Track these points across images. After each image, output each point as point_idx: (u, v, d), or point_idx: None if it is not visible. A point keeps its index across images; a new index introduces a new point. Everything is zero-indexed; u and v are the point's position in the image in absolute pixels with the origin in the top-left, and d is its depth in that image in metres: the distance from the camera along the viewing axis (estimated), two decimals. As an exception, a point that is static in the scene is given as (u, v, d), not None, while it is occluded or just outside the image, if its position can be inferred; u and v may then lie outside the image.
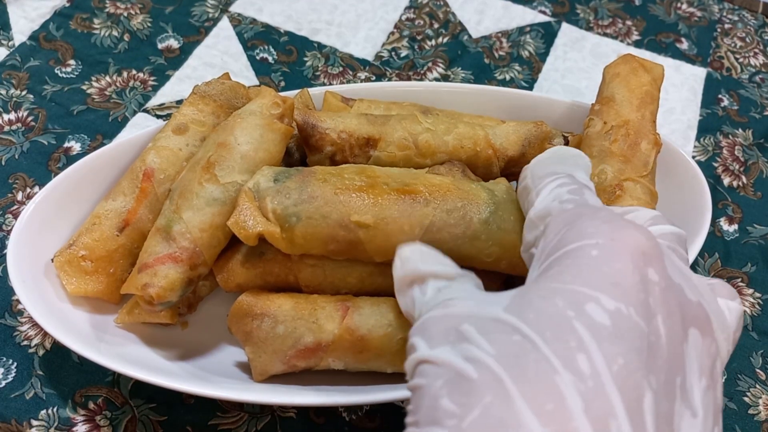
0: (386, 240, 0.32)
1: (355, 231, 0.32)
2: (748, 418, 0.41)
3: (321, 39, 0.59)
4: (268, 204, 0.33)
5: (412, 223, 0.32)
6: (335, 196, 0.33)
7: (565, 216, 0.26)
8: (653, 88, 0.44)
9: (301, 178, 0.33)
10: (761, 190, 0.52)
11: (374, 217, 0.32)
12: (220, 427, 0.38)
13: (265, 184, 0.33)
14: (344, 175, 0.34)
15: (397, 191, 0.33)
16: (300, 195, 0.33)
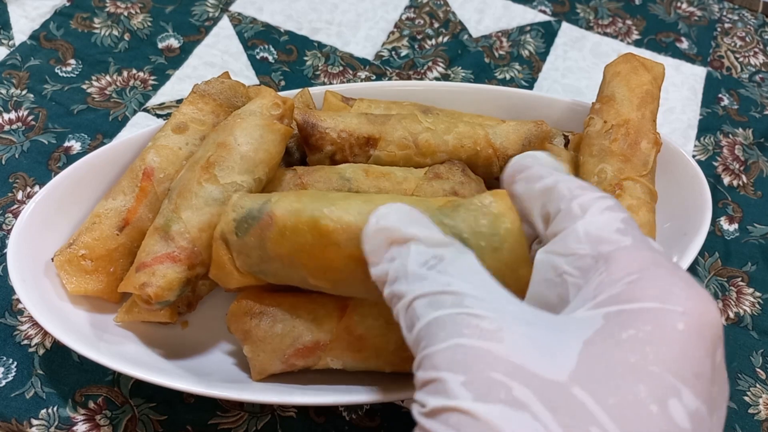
0: (351, 292, 0.32)
1: (318, 286, 0.32)
2: (748, 418, 0.41)
3: (321, 38, 0.59)
4: (236, 260, 0.32)
5: (369, 288, 0.28)
6: (291, 258, 0.30)
7: (634, 256, 0.22)
8: (654, 87, 0.44)
9: (258, 233, 0.31)
10: (761, 189, 0.52)
11: (331, 282, 0.31)
12: (220, 427, 0.38)
13: (230, 237, 0.32)
14: (294, 232, 0.30)
15: (349, 257, 0.29)
16: (261, 255, 0.31)
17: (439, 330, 0.21)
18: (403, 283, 0.24)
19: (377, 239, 0.25)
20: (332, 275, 0.30)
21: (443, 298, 0.22)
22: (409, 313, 0.23)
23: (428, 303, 0.22)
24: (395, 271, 0.24)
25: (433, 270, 0.23)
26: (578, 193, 0.26)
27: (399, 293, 0.24)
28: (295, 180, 0.39)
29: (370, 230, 0.26)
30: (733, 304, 0.46)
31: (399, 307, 0.24)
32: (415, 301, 0.23)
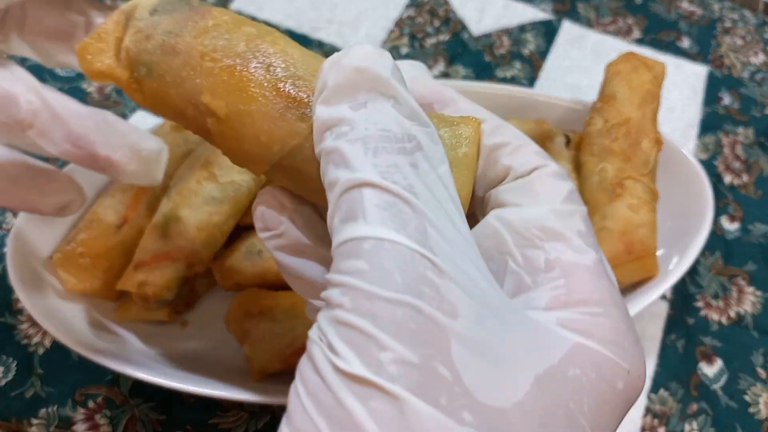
0: (236, 143, 0.23)
1: (203, 115, 0.23)
2: (748, 417, 0.41)
3: (321, 37, 0.59)
4: (126, 38, 0.24)
5: (273, 135, 0.22)
6: (200, 59, 0.23)
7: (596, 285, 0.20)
8: (654, 86, 0.44)
9: (183, 17, 0.24)
10: (762, 188, 0.52)
11: (228, 108, 0.22)
12: (220, 426, 0.38)
13: (141, 12, 0.25)
14: (230, 33, 0.23)
15: (275, 88, 0.22)
16: (165, 40, 0.24)
17: (391, 263, 0.16)
18: (358, 146, 0.18)
19: (351, 76, 0.19)
20: (237, 100, 0.22)
21: (404, 213, 0.17)
22: (350, 197, 0.18)
23: (382, 204, 0.17)
24: (353, 122, 0.18)
25: (403, 155, 0.18)
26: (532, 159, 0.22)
27: (347, 157, 0.18)
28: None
29: (346, 61, 0.19)
30: (733, 303, 0.46)
31: (338, 177, 0.18)
32: (364, 188, 0.17)
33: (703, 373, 0.43)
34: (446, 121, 0.23)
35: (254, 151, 0.22)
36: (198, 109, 0.23)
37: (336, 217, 0.18)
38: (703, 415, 0.41)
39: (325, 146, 0.19)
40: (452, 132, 0.23)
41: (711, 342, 0.44)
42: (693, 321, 0.45)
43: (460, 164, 0.22)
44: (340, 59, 0.20)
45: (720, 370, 0.43)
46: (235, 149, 0.23)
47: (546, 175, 0.21)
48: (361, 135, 0.18)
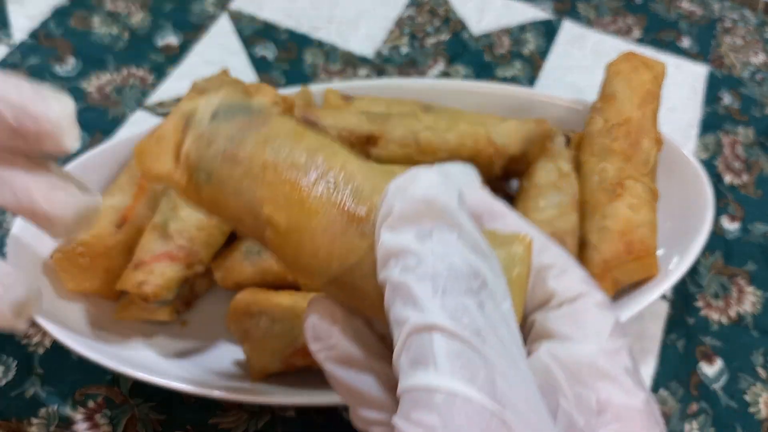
0: (294, 256, 0.23)
1: (262, 225, 0.23)
2: (748, 417, 0.41)
3: (321, 36, 0.59)
4: (186, 143, 0.24)
5: (333, 251, 0.22)
6: (262, 170, 0.23)
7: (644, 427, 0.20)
8: (655, 85, 0.44)
9: (243, 125, 0.24)
10: (762, 188, 0.52)
11: (288, 222, 0.22)
12: (220, 426, 0.38)
13: (202, 116, 0.24)
14: (291, 144, 0.23)
15: (336, 204, 0.22)
16: (227, 147, 0.23)
17: (463, 420, 0.16)
18: (427, 285, 0.18)
19: (418, 206, 0.19)
20: (298, 215, 0.22)
21: (473, 362, 0.17)
22: (419, 340, 0.17)
23: (452, 352, 0.17)
24: (420, 256, 0.18)
25: (470, 296, 0.18)
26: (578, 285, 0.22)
27: (417, 296, 0.18)
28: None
29: (413, 191, 0.19)
30: (734, 303, 0.46)
31: (407, 316, 0.18)
32: (434, 333, 0.17)
33: (703, 372, 0.43)
34: (499, 240, 0.23)
35: (312, 265, 0.22)
36: (257, 220, 0.23)
37: (404, 357, 0.18)
38: (703, 415, 0.41)
39: (391, 278, 0.18)
40: (507, 253, 0.22)
41: (711, 342, 0.44)
42: (693, 321, 0.45)
43: (514, 285, 0.22)
44: (406, 186, 0.19)
45: (720, 369, 0.43)
46: (293, 261, 0.23)
47: (592, 305, 0.22)
48: (430, 271, 0.18)
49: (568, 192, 0.42)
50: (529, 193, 0.43)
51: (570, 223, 0.41)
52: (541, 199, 0.42)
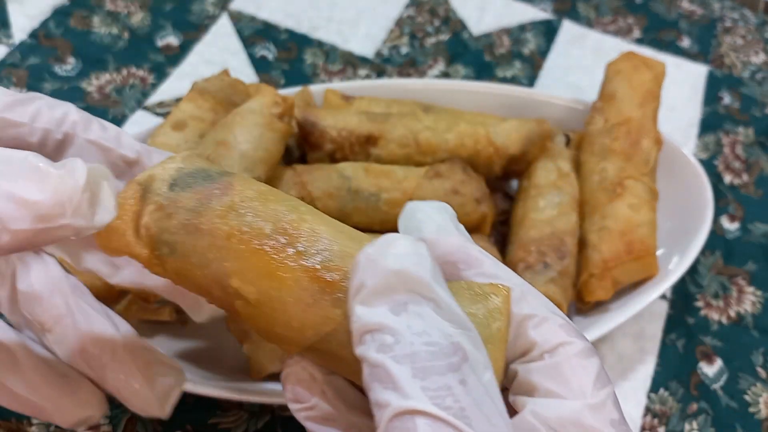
0: (267, 326, 0.22)
1: (232, 297, 0.22)
2: (748, 417, 0.41)
3: (321, 36, 0.59)
4: (144, 216, 0.22)
5: (306, 321, 0.21)
6: (227, 241, 0.22)
7: None
8: (655, 85, 0.44)
9: (203, 196, 0.22)
10: (762, 188, 0.52)
11: (258, 294, 0.21)
12: (220, 426, 0.38)
13: (159, 186, 0.23)
14: (255, 210, 0.22)
15: (306, 272, 0.21)
16: (188, 219, 0.22)
17: None
18: (406, 366, 0.17)
19: (389, 280, 0.18)
20: (268, 286, 0.21)
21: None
22: (401, 426, 0.17)
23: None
24: (397, 333, 0.18)
25: (451, 373, 0.17)
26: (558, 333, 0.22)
27: (396, 379, 0.17)
28: (295, 178, 0.39)
29: (384, 263, 0.18)
30: (734, 303, 0.46)
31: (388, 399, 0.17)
32: (416, 418, 0.17)
33: (703, 372, 0.43)
34: (477, 293, 0.22)
35: (286, 335, 0.22)
36: (226, 291, 0.22)
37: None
38: (703, 415, 0.41)
39: (368, 357, 0.18)
40: (485, 306, 0.22)
41: (711, 342, 0.44)
42: (693, 321, 0.45)
43: (494, 340, 0.21)
44: (377, 258, 0.18)
45: (720, 369, 0.43)
46: (266, 331, 0.22)
47: (573, 355, 0.21)
48: (408, 351, 0.17)
49: (568, 192, 0.42)
50: (529, 193, 0.43)
51: (570, 223, 0.41)
52: (541, 199, 0.42)
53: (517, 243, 0.41)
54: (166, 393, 0.26)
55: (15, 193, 0.18)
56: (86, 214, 0.19)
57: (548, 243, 0.40)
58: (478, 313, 0.21)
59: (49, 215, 0.19)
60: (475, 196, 0.39)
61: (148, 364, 0.26)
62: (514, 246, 0.41)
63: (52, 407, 0.24)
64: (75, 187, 0.19)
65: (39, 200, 0.18)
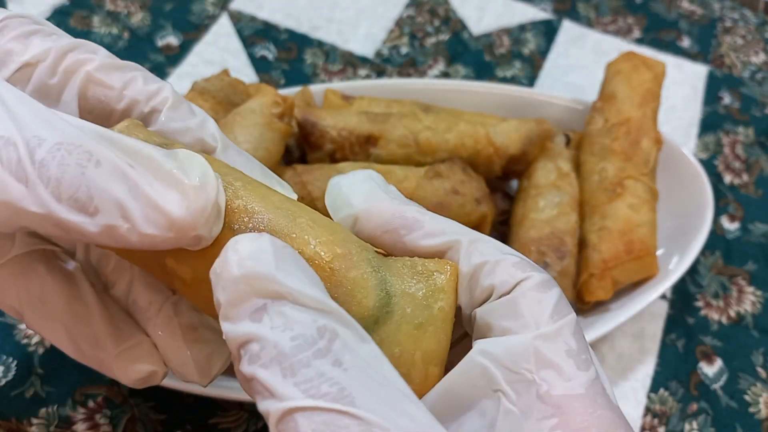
0: (206, 307, 0.22)
1: (171, 276, 0.22)
2: (748, 417, 0.41)
3: (321, 36, 0.58)
4: None
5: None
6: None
7: (594, 416, 0.19)
8: (655, 85, 0.44)
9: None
10: (762, 188, 0.52)
11: (194, 274, 0.21)
12: (220, 426, 0.38)
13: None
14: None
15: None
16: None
17: None
18: (274, 369, 0.17)
19: (239, 288, 0.18)
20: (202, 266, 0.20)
21: (345, 428, 0.16)
22: (285, 429, 0.16)
23: (319, 429, 0.16)
24: (260, 338, 0.17)
25: (321, 359, 0.17)
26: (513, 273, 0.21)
27: (268, 386, 0.17)
28: (295, 178, 0.39)
29: (228, 273, 0.18)
30: (734, 303, 0.46)
31: (268, 408, 0.17)
32: (296, 415, 0.16)
33: (703, 372, 0.43)
34: (418, 272, 0.21)
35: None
36: (164, 271, 0.22)
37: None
38: (703, 415, 0.41)
39: (243, 373, 0.18)
40: (427, 286, 0.21)
41: (711, 342, 0.44)
42: (693, 320, 0.45)
43: (436, 320, 0.21)
44: (222, 271, 0.18)
45: (720, 369, 0.43)
46: (207, 309, 0.22)
47: (529, 289, 0.20)
48: (273, 354, 0.17)
49: (568, 192, 0.42)
50: (528, 193, 0.43)
51: (570, 223, 0.41)
52: (541, 199, 0.42)
53: (517, 243, 0.41)
54: (206, 359, 0.24)
55: (158, 202, 0.19)
56: (212, 228, 0.20)
57: (548, 243, 0.40)
58: (418, 293, 0.21)
59: (182, 228, 0.19)
60: (475, 196, 0.39)
61: (191, 325, 0.25)
62: (513, 246, 0.41)
63: (115, 361, 0.24)
64: (208, 202, 0.19)
65: (178, 215, 0.19)
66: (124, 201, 0.19)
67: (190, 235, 0.19)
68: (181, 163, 0.20)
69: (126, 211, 0.19)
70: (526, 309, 0.20)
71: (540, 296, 0.20)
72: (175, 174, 0.19)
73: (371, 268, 0.21)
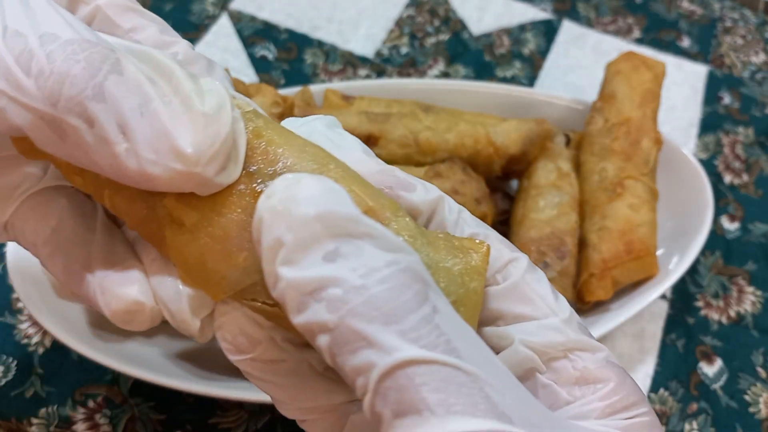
0: (199, 260, 0.18)
1: (161, 221, 0.18)
2: (748, 417, 0.41)
3: (321, 36, 0.58)
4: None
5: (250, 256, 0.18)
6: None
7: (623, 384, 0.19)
8: (655, 85, 0.44)
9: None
10: (762, 188, 0.52)
11: (199, 217, 0.18)
12: (220, 426, 0.38)
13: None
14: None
15: (257, 195, 0.18)
16: None
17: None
18: (372, 316, 0.15)
19: (311, 228, 0.15)
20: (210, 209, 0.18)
21: (463, 385, 0.14)
22: (395, 384, 0.14)
23: (438, 385, 0.14)
24: (342, 281, 0.15)
25: (423, 305, 0.15)
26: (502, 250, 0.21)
27: (367, 335, 0.15)
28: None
29: (299, 212, 0.15)
30: (734, 303, 0.46)
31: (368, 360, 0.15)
32: (411, 369, 0.14)
33: (703, 372, 0.43)
34: (455, 246, 0.20)
35: (220, 272, 0.18)
36: (154, 212, 0.18)
37: (385, 409, 0.15)
38: (703, 415, 0.41)
39: (320, 322, 0.15)
40: (463, 263, 0.19)
41: (711, 341, 0.44)
42: (693, 320, 0.45)
43: (470, 300, 0.19)
44: (287, 209, 0.15)
45: (720, 369, 0.43)
46: (195, 267, 0.18)
47: (524, 273, 0.21)
48: (365, 297, 0.15)
49: (568, 192, 0.42)
50: (529, 193, 0.43)
51: (570, 223, 0.41)
52: (541, 199, 0.42)
53: (517, 243, 0.41)
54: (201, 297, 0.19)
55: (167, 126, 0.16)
56: (226, 167, 0.17)
57: (548, 243, 0.40)
58: (454, 268, 0.19)
59: (189, 161, 0.16)
60: (475, 196, 0.40)
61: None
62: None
63: (100, 283, 0.20)
64: (218, 135, 0.17)
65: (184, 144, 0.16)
66: (129, 117, 0.16)
67: (196, 172, 0.16)
68: (199, 88, 0.17)
69: (128, 129, 0.16)
70: (534, 294, 0.20)
71: (537, 278, 0.21)
72: (190, 96, 0.17)
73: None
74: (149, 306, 0.20)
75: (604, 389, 0.19)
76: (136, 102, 0.16)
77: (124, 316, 0.20)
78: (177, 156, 0.16)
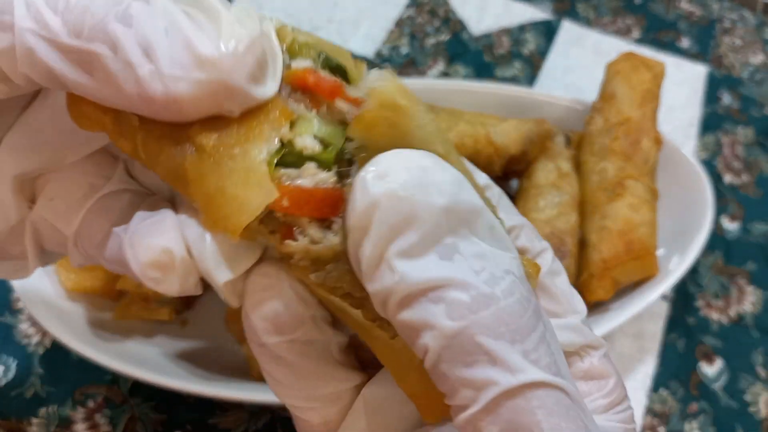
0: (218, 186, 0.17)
1: (183, 153, 0.17)
2: (748, 416, 0.41)
3: (321, 36, 0.58)
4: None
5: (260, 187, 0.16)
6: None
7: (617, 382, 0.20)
8: (654, 85, 0.44)
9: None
10: (762, 188, 0.52)
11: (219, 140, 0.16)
12: (220, 426, 0.38)
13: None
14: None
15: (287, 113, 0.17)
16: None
17: None
18: (497, 329, 0.14)
19: (437, 222, 0.14)
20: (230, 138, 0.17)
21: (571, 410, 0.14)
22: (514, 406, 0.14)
23: (555, 410, 0.14)
24: (467, 285, 0.14)
25: (540, 326, 0.14)
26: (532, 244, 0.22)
27: (492, 351, 0.14)
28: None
29: (428, 203, 0.14)
30: (734, 303, 0.46)
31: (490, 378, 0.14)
32: (528, 393, 0.14)
33: (703, 372, 0.43)
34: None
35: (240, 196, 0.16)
36: (179, 143, 0.17)
37: (494, 427, 0.14)
38: (703, 415, 0.41)
39: (436, 323, 0.14)
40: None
41: (711, 341, 0.44)
42: (693, 320, 0.45)
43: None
44: (413, 195, 0.14)
45: (720, 369, 0.43)
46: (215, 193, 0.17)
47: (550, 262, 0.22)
48: (493, 309, 0.14)
49: (568, 192, 0.42)
50: (529, 192, 0.43)
51: (570, 222, 0.41)
52: (541, 199, 0.42)
53: (517, 243, 0.41)
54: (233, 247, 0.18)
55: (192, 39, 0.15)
56: (245, 76, 0.16)
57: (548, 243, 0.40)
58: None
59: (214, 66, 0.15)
60: (476, 195, 0.39)
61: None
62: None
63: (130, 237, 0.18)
64: (242, 38, 0.15)
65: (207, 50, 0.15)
66: (153, 39, 0.15)
67: (222, 79, 0.15)
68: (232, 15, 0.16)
69: (152, 50, 0.15)
70: (557, 290, 0.21)
71: (557, 270, 0.22)
72: (219, 11, 0.16)
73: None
74: (179, 256, 0.18)
75: (606, 387, 0.20)
76: (162, 25, 0.15)
77: (154, 266, 0.18)
78: (200, 64, 0.15)
